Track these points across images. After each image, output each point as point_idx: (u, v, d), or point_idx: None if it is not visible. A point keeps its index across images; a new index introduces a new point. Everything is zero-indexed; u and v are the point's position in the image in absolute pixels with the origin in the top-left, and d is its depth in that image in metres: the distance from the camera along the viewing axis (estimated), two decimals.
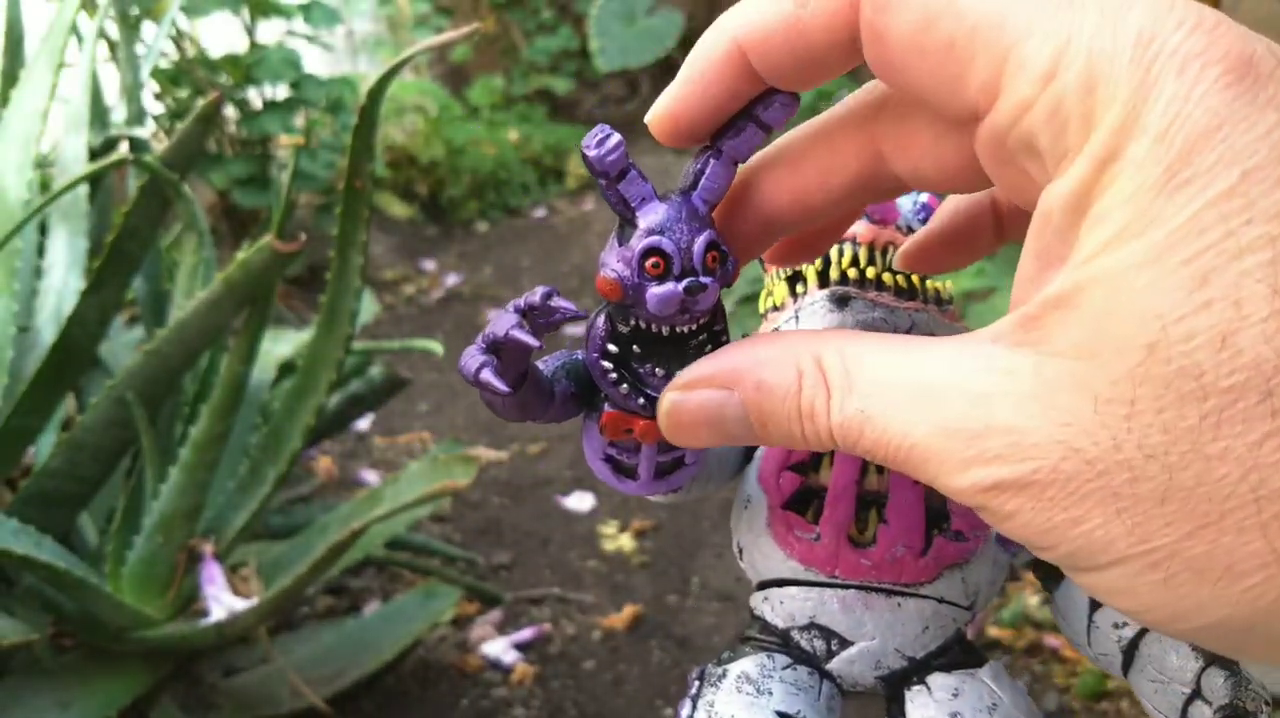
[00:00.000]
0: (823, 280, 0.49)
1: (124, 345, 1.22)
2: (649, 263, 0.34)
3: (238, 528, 1.07)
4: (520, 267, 2.97)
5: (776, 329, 0.50)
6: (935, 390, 0.28)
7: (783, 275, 0.51)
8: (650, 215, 0.35)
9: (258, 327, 0.99)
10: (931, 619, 0.47)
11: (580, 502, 1.66)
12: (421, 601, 1.26)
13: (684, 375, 0.36)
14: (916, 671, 0.48)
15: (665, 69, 4.15)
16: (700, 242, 0.35)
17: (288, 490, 1.45)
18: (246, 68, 2.45)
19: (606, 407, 0.38)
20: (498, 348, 0.36)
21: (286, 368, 1.25)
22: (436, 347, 1.28)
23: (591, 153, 0.35)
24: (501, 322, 0.36)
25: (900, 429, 0.28)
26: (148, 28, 2.21)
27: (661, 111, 0.35)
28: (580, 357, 0.39)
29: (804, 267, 0.50)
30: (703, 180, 0.36)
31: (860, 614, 0.47)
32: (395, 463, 1.83)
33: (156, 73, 2.36)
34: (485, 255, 3.07)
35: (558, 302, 0.36)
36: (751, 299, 1.95)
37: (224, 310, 0.94)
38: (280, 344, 1.28)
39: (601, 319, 0.37)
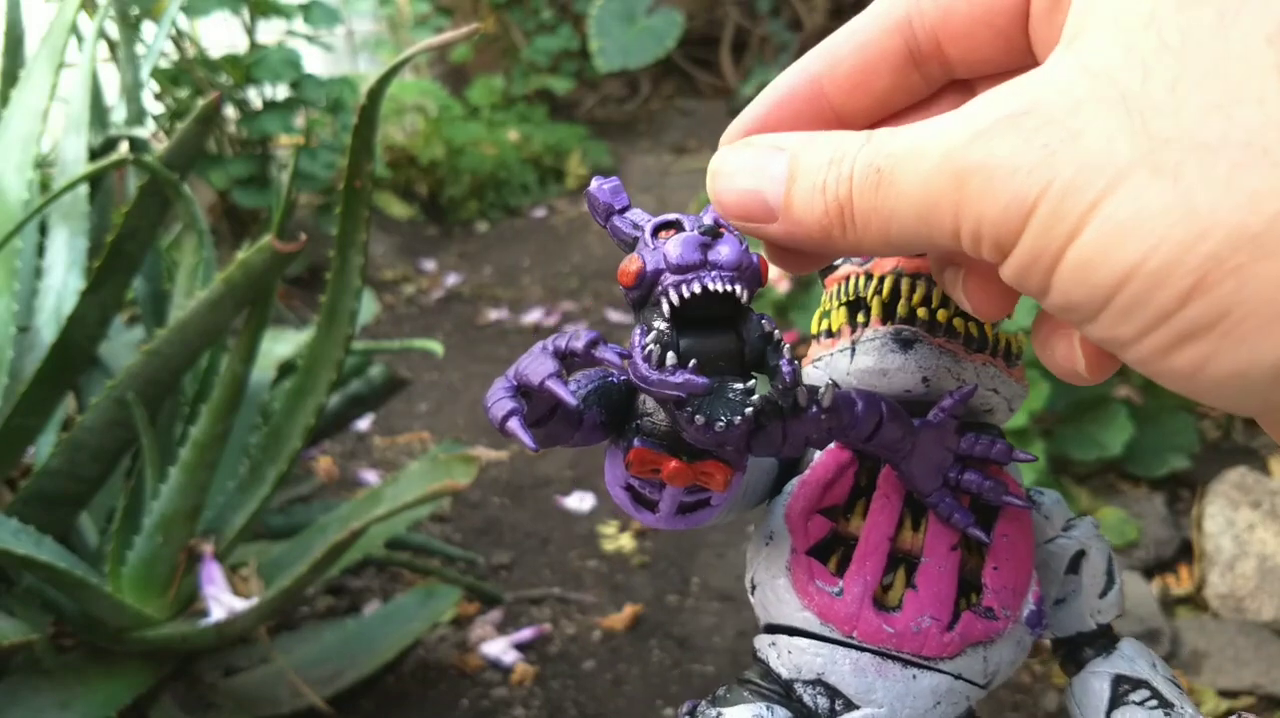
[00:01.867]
0: (887, 314, 0.45)
1: (124, 345, 1.22)
2: (662, 232, 0.33)
3: (238, 528, 1.07)
4: (520, 266, 2.97)
5: (830, 356, 0.47)
6: (960, 113, 0.28)
7: (843, 299, 0.47)
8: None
9: (258, 327, 0.99)
10: (945, 696, 0.44)
11: (580, 502, 1.66)
12: (421, 600, 1.26)
13: (741, 123, 0.37)
14: None
15: (665, 69, 4.15)
16: (709, 209, 0.35)
17: (288, 490, 1.45)
18: (246, 68, 2.45)
19: (637, 442, 0.36)
20: (528, 392, 0.34)
21: (286, 368, 1.25)
22: (436, 347, 1.28)
23: (594, 187, 0.35)
24: (536, 366, 0.34)
25: (915, 135, 0.29)
26: (148, 28, 2.22)
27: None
28: (616, 379, 0.37)
29: (869, 294, 0.46)
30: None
31: (872, 680, 0.44)
32: (395, 463, 1.83)
33: (156, 73, 2.36)
34: (485, 255, 3.07)
35: (604, 352, 0.33)
36: (805, 292, 1.94)
37: (224, 310, 0.94)
38: (280, 344, 1.28)
39: (637, 335, 0.34)
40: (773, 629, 0.46)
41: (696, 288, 0.33)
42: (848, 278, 0.47)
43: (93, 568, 1.01)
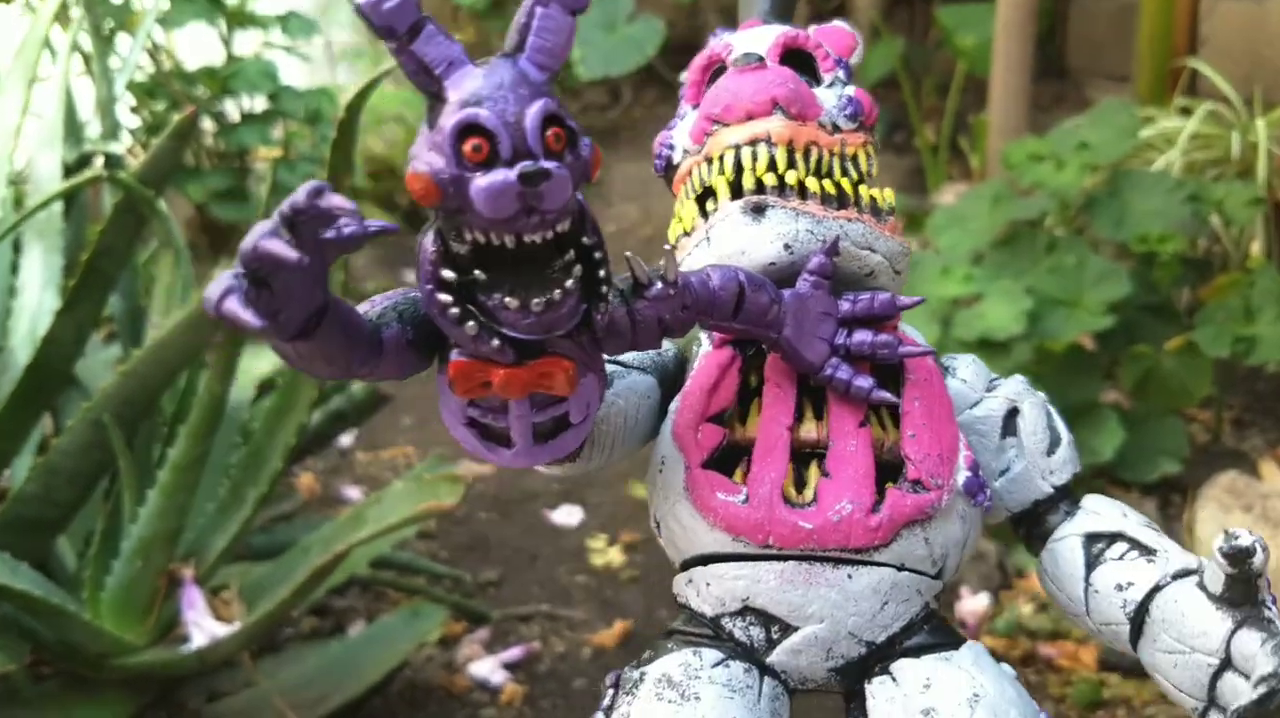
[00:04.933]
0: (735, 191, 0.42)
1: (101, 363, 1.20)
2: (468, 146, 0.26)
3: (218, 551, 1.05)
4: None
5: (688, 255, 0.43)
6: None
7: (691, 194, 0.44)
8: (462, 83, 0.27)
9: (236, 345, 0.97)
10: (891, 593, 0.39)
11: (568, 516, 1.65)
12: (407, 620, 1.24)
13: None
14: (878, 658, 0.40)
15: (647, 76, 4.14)
16: (534, 112, 0.27)
17: (269, 509, 1.43)
18: (223, 80, 2.43)
19: (454, 355, 0.30)
20: (257, 271, 0.27)
21: (266, 385, 1.23)
22: None
23: (364, 2, 0.26)
24: (253, 234, 0.27)
25: None
26: (123, 40, 2.20)
27: None
28: (417, 294, 0.30)
29: (713, 178, 0.43)
30: (531, 37, 0.28)
31: (803, 592, 0.39)
32: (379, 478, 1.81)
33: (132, 86, 2.34)
34: None
35: (330, 200, 0.27)
36: None
37: (202, 330, 0.92)
38: (260, 360, 1.26)
39: (430, 237, 0.29)
40: (686, 566, 0.42)
41: (510, 241, 0.28)
42: (691, 171, 0.45)
43: (71, 594, 0.99)
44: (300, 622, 1.37)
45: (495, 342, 0.29)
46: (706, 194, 0.44)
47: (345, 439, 1.93)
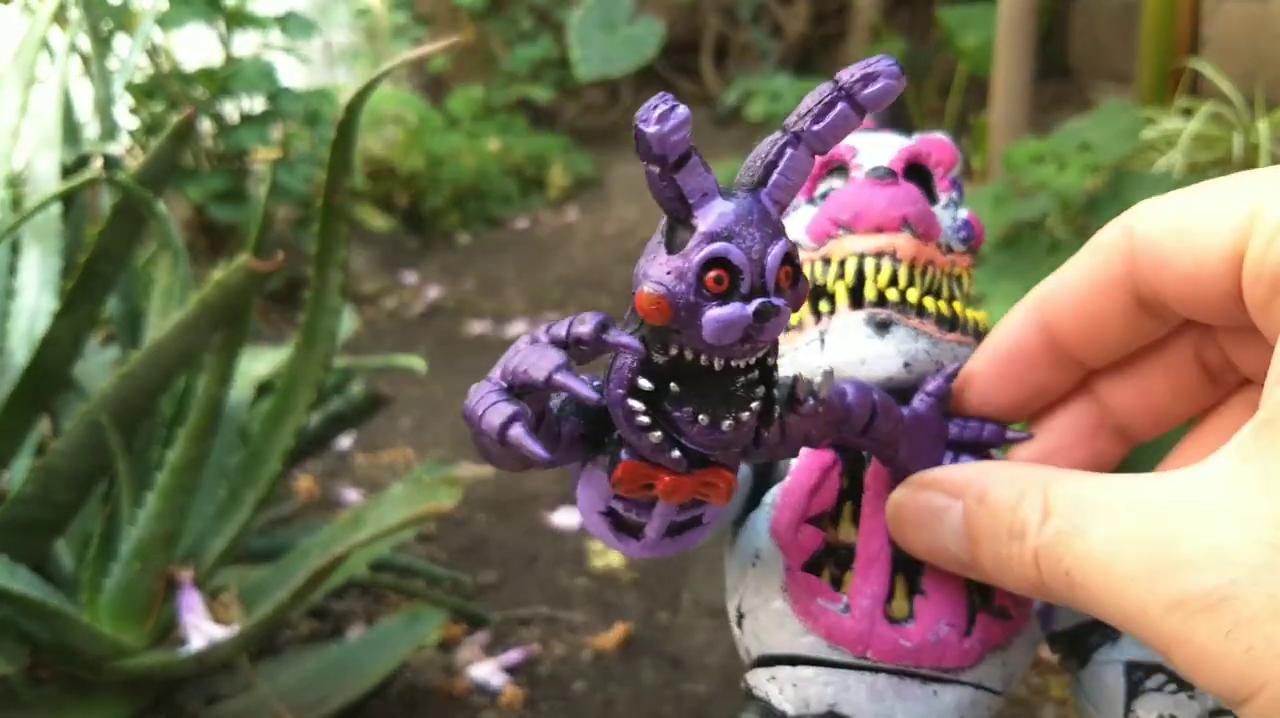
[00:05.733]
0: (855, 300, 0.42)
1: (99, 365, 1.19)
2: (710, 276, 0.27)
3: (217, 553, 1.04)
4: (503, 278, 2.95)
5: (794, 351, 0.43)
6: (1145, 507, 0.27)
7: None
8: (712, 215, 0.27)
9: (235, 347, 0.97)
10: (969, 710, 0.41)
11: (568, 518, 1.64)
12: (407, 623, 1.24)
13: (921, 476, 0.35)
14: None
15: (647, 77, 4.14)
16: (775, 253, 0.28)
17: (268, 511, 1.42)
18: (222, 80, 2.43)
19: (625, 455, 0.30)
20: (525, 392, 0.28)
21: (265, 388, 1.23)
22: (419, 363, 1.26)
23: (651, 129, 0.27)
24: (536, 360, 0.28)
25: (1103, 547, 0.27)
26: (121, 41, 2.19)
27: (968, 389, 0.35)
28: (594, 387, 0.31)
29: (831, 280, 0.43)
30: (775, 174, 0.28)
31: (891, 704, 0.40)
32: (378, 481, 1.80)
33: (131, 87, 2.34)
34: (467, 267, 3.05)
35: (615, 336, 0.28)
36: None
37: (200, 332, 0.92)
38: (258, 363, 1.26)
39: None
40: (769, 662, 0.42)
41: (718, 364, 0.29)
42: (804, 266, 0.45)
43: (69, 597, 0.98)
44: (299, 625, 1.36)
45: (675, 453, 0.29)
46: (820, 293, 0.43)
47: (344, 442, 1.93)
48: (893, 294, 0.42)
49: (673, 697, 1.24)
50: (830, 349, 0.42)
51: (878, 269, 0.42)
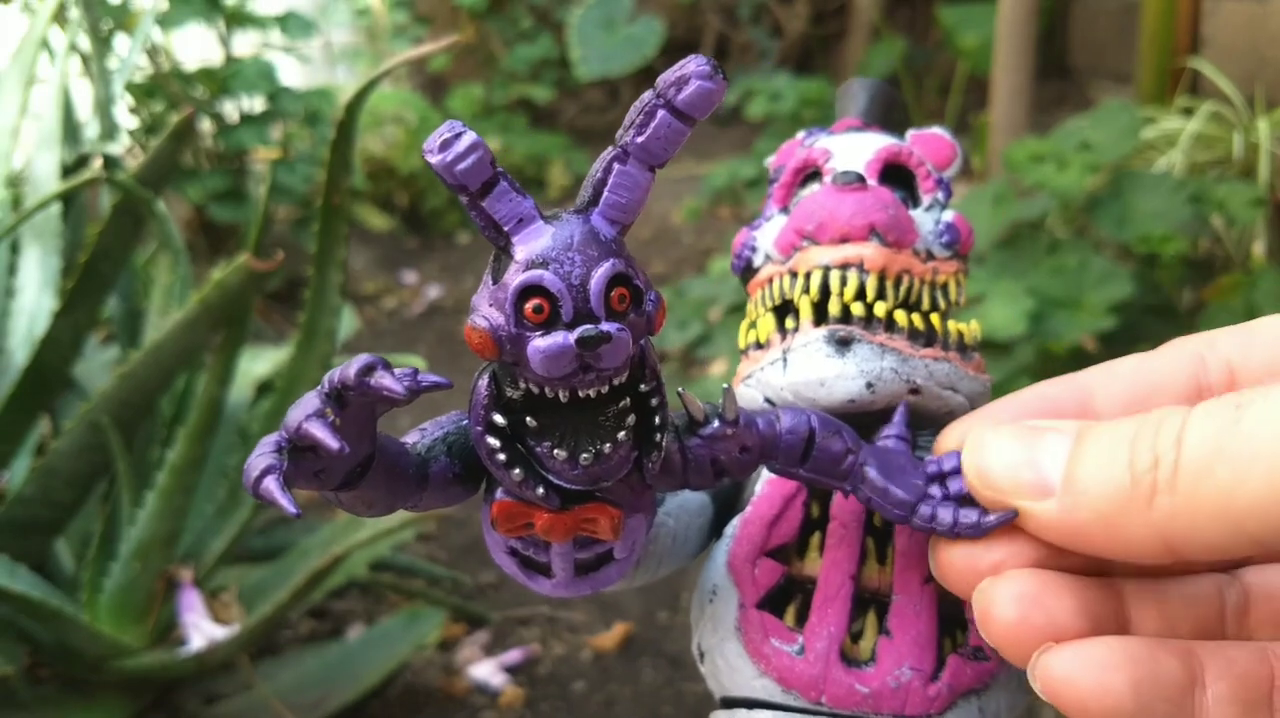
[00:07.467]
0: (819, 315, 0.39)
1: (99, 365, 1.19)
2: (530, 306, 0.26)
3: (217, 553, 1.04)
4: None
5: (761, 371, 0.40)
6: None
7: (769, 305, 0.41)
8: (530, 242, 0.26)
9: (234, 347, 0.97)
10: None
11: None
12: (406, 623, 1.24)
13: (990, 413, 0.34)
14: None
15: (647, 77, 4.14)
16: (599, 275, 0.26)
17: (267, 511, 1.42)
18: (222, 80, 2.42)
19: (499, 494, 0.29)
20: (297, 447, 0.27)
21: (265, 387, 1.22)
22: (418, 362, 1.26)
23: (434, 160, 0.26)
24: (296, 409, 0.27)
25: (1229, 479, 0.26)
26: (121, 41, 2.19)
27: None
28: (424, 429, 0.30)
29: (796, 295, 0.40)
30: (606, 193, 0.27)
31: None
32: None
33: (130, 86, 2.33)
34: (467, 267, 3.05)
35: (381, 378, 0.26)
36: (741, 309, 1.92)
37: (200, 331, 0.92)
38: (258, 362, 1.26)
39: (485, 382, 0.28)
40: (730, 703, 0.39)
41: (564, 395, 0.27)
42: (771, 279, 0.41)
43: (69, 597, 0.98)
44: (299, 624, 1.36)
45: (540, 489, 0.28)
46: (786, 308, 0.41)
47: None
48: (858, 308, 0.39)
49: (673, 696, 1.24)
50: (792, 369, 0.39)
51: (843, 282, 0.39)
